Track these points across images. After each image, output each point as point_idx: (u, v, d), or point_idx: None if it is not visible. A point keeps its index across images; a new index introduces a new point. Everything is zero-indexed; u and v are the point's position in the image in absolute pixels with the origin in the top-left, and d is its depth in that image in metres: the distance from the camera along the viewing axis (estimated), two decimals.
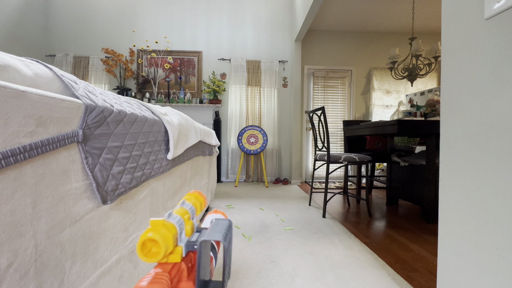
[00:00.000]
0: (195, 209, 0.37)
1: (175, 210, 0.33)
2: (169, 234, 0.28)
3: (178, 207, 0.35)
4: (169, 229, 0.28)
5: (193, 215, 0.36)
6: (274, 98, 3.85)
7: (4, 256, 0.35)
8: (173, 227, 0.29)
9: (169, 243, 0.27)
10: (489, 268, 0.56)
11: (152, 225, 0.28)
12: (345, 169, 2.62)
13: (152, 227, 0.28)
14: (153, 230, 0.27)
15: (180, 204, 0.36)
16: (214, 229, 0.32)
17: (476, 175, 0.60)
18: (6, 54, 0.40)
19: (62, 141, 0.44)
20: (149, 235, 0.27)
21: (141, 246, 0.27)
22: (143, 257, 0.27)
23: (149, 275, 0.26)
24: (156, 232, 0.27)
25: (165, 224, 0.28)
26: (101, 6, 3.76)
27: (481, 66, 0.59)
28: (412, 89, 4.21)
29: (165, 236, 0.27)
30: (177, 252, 0.29)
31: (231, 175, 3.80)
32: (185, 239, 0.32)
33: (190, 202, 0.37)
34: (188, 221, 0.33)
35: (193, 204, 0.38)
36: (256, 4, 3.91)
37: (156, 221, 0.28)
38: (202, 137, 1.50)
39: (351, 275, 1.10)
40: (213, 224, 0.34)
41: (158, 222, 0.28)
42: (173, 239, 0.28)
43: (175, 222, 0.30)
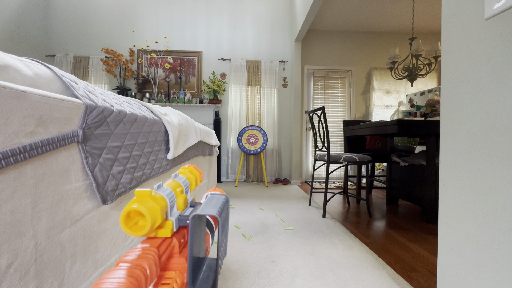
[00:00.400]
0: (190, 183, 0.34)
1: (166, 183, 0.31)
2: (157, 206, 0.25)
3: (170, 180, 0.32)
4: (157, 201, 0.26)
5: (187, 189, 0.33)
6: (274, 98, 3.85)
7: (4, 256, 0.35)
8: (162, 199, 0.27)
9: (156, 216, 0.25)
10: (489, 268, 0.56)
11: (138, 196, 0.25)
12: (345, 169, 2.62)
13: (137, 198, 0.25)
14: (139, 202, 0.25)
15: (172, 176, 0.33)
16: (208, 203, 0.30)
17: (476, 175, 0.60)
18: (6, 54, 0.40)
19: (62, 141, 0.44)
20: (134, 206, 0.24)
21: (125, 218, 0.24)
22: (127, 229, 0.24)
23: (136, 250, 0.24)
24: (142, 204, 0.25)
25: (152, 196, 0.26)
26: (101, 6, 3.76)
27: (481, 66, 0.59)
28: (412, 89, 4.21)
29: (152, 208, 0.25)
30: (168, 226, 0.27)
31: (231, 175, 3.80)
32: (177, 213, 0.29)
33: (184, 175, 0.35)
34: (180, 194, 0.30)
35: (187, 178, 0.34)
36: (256, 4, 3.91)
37: (142, 191, 0.25)
38: (202, 137, 1.50)
39: (351, 275, 1.10)
40: (208, 199, 0.31)
41: (144, 193, 0.25)
42: (161, 212, 0.26)
43: (164, 194, 0.28)
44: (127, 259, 0.22)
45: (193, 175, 0.36)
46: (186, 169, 0.36)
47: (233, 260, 1.23)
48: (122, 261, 0.22)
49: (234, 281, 1.04)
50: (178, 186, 0.31)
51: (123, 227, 0.24)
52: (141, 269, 0.21)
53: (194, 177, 0.36)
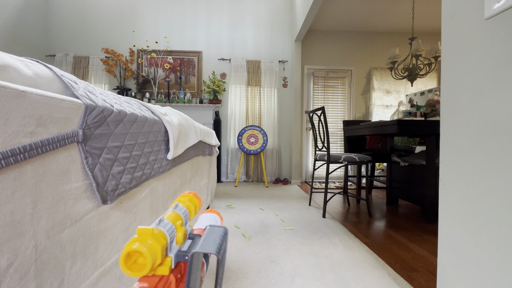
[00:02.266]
0: (189, 213, 0.34)
1: (166, 215, 0.30)
2: (158, 245, 0.25)
3: (171, 211, 0.31)
4: (158, 239, 0.25)
5: (186, 220, 0.33)
6: (274, 98, 3.85)
7: (4, 256, 0.35)
8: (163, 236, 0.26)
9: (157, 255, 0.25)
10: (489, 268, 0.56)
11: (139, 234, 0.25)
12: (345, 169, 2.62)
13: (139, 236, 0.25)
14: (140, 240, 0.24)
15: (173, 208, 0.32)
16: (208, 238, 0.29)
17: (476, 175, 0.60)
18: (6, 54, 0.40)
19: (62, 141, 0.44)
20: (135, 246, 0.24)
21: (125, 258, 0.24)
22: (127, 270, 0.24)
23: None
24: (143, 243, 0.24)
25: (154, 234, 0.25)
26: (101, 6, 3.76)
27: (481, 66, 0.59)
28: (412, 89, 4.21)
29: (153, 248, 0.24)
30: (166, 264, 0.26)
31: (231, 175, 3.80)
32: (176, 247, 0.29)
33: (184, 205, 0.34)
34: (180, 227, 0.30)
35: (187, 207, 0.34)
36: (256, 4, 3.91)
37: (144, 229, 0.25)
38: (202, 137, 1.50)
39: (351, 275, 1.10)
40: (207, 232, 0.31)
41: (146, 231, 0.25)
42: (162, 250, 0.25)
43: (165, 230, 0.27)
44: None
45: (192, 204, 0.36)
46: (186, 198, 0.36)
47: (233, 260, 1.23)
48: None
49: (234, 281, 1.04)
50: (178, 218, 0.31)
51: (122, 267, 0.24)
52: None
53: (193, 205, 0.36)
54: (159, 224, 0.27)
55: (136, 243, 0.24)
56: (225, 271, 1.12)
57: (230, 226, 1.74)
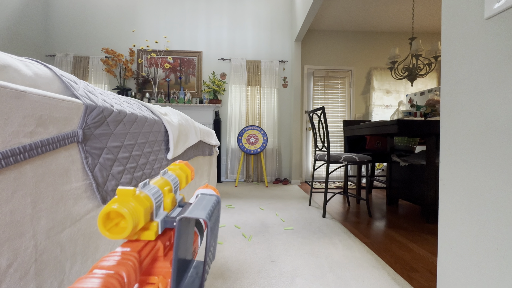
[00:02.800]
0: (179, 181, 0.32)
1: (153, 180, 0.29)
2: (140, 207, 0.23)
3: (158, 177, 0.30)
4: (140, 201, 0.24)
5: (176, 187, 0.31)
6: (274, 98, 3.85)
7: (4, 256, 0.35)
8: (147, 199, 0.25)
9: (139, 218, 0.23)
10: (489, 268, 0.56)
11: (120, 195, 0.23)
12: (345, 169, 2.62)
13: (119, 197, 0.23)
14: (120, 201, 0.23)
15: (161, 174, 0.31)
16: (198, 205, 0.28)
17: (476, 175, 0.60)
18: (6, 54, 0.40)
19: (62, 141, 0.44)
20: (114, 206, 0.22)
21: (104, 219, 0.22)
22: (105, 232, 0.22)
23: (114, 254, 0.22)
24: (123, 204, 0.23)
25: (135, 195, 0.24)
26: (101, 6, 3.76)
27: (481, 66, 0.59)
28: (412, 89, 4.21)
29: (134, 209, 0.23)
30: (152, 228, 0.25)
31: (231, 175, 3.80)
32: (164, 213, 0.27)
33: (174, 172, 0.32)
34: (168, 193, 0.28)
35: (177, 175, 0.32)
36: (256, 4, 3.91)
37: (125, 190, 0.23)
38: (202, 137, 1.50)
39: (351, 275, 1.10)
40: (198, 199, 0.29)
41: (126, 192, 0.23)
42: (145, 214, 0.24)
43: (150, 193, 0.26)
44: (102, 265, 0.20)
45: (183, 172, 0.33)
46: (176, 166, 0.34)
47: (233, 260, 1.23)
48: (97, 267, 0.19)
49: (234, 281, 1.04)
50: (166, 184, 0.29)
51: (100, 228, 0.22)
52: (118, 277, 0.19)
53: (185, 174, 0.33)
54: (143, 188, 0.26)
55: (115, 204, 0.22)
56: (225, 271, 1.12)
57: (230, 226, 1.74)
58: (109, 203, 0.23)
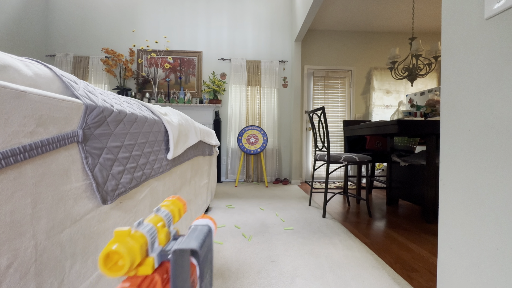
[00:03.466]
0: (172, 216, 0.35)
1: (147, 219, 0.31)
2: (136, 244, 0.26)
3: (152, 215, 0.32)
4: (136, 239, 0.26)
5: (169, 222, 0.34)
6: (274, 98, 3.85)
7: (4, 256, 0.35)
8: (141, 236, 0.27)
9: (135, 255, 0.25)
10: (489, 268, 0.56)
11: (117, 235, 0.26)
12: (345, 169, 2.62)
13: (116, 238, 0.26)
14: (118, 241, 0.25)
15: (154, 211, 0.34)
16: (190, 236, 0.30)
17: (476, 175, 0.60)
18: (6, 54, 0.40)
19: (62, 141, 0.44)
20: (113, 247, 0.24)
21: (104, 259, 0.25)
22: (106, 271, 0.24)
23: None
24: (121, 244, 0.25)
25: (131, 235, 0.26)
26: (101, 6, 3.76)
27: (481, 66, 0.59)
28: (412, 89, 4.21)
29: (130, 247, 0.25)
30: (148, 263, 0.27)
31: (231, 175, 3.80)
32: (159, 248, 0.29)
33: (167, 208, 0.35)
34: (162, 229, 0.31)
35: (170, 210, 0.35)
36: (256, 4, 3.91)
37: (121, 231, 0.26)
38: (202, 137, 1.50)
39: (351, 275, 1.10)
40: (191, 231, 0.32)
41: (122, 232, 0.26)
42: (141, 250, 0.26)
43: (145, 231, 0.28)
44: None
45: (176, 207, 0.36)
46: (169, 202, 0.37)
47: (233, 260, 1.23)
48: None
49: (234, 281, 1.04)
50: (159, 220, 0.32)
51: (101, 268, 0.24)
52: None
53: (177, 208, 0.37)
54: (138, 226, 0.28)
55: (114, 245, 0.25)
56: (225, 271, 1.12)
57: (230, 226, 1.74)
58: (108, 244, 0.25)
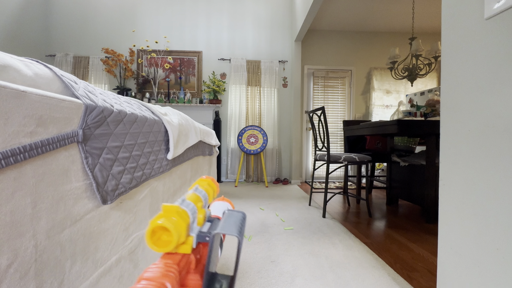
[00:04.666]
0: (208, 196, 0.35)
1: (188, 196, 0.31)
2: (183, 222, 0.25)
3: (191, 193, 0.32)
4: (182, 217, 0.26)
5: (206, 203, 0.33)
6: (274, 98, 3.85)
7: (4, 256, 0.35)
8: (186, 215, 0.27)
9: (182, 233, 0.25)
10: (489, 268, 0.56)
11: (165, 211, 0.25)
12: (345, 169, 2.62)
13: (164, 213, 0.25)
14: (165, 217, 0.25)
15: (193, 190, 0.33)
16: (228, 221, 0.30)
17: (476, 175, 0.60)
18: (6, 54, 0.40)
19: (62, 141, 0.44)
20: (160, 222, 0.24)
21: (151, 233, 0.25)
22: (153, 245, 0.24)
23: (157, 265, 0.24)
24: (168, 219, 0.25)
25: (178, 211, 0.26)
26: (101, 6, 3.76)
27: (481, 66, 0.59)
28: (412, 89, 4.21)
29: (178, 224, 0.25)
30: (189, 242, 0.27)
31: (231, 175, 3.80)
32: (197, 228, 0.29)
33: (203, 188, 0.34)
34: (201, 209, 0.31)
35: (206, 190, 0.34)
36: (256, 4, 3.91)
37: (169, 206, 0.25)
38: (202, 137, 1.50)
39: (351, 275, 1.10)
40: (227, 216, 0.31)
41: (171, 208, 0.25)
42: (186, 229, 0.26)
43: (188, 209, 0.28)
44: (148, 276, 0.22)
45: (211, 188, 0.36)
46: (205, 182, 0.36)
47: (233, 259, 1.23)
48: (143, 278, 0.21)
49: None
50: (199, 200, 0.31)
51: (148, 242, 0.24)
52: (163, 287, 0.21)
53: (212, 190, 0.36)
54: (182, 203, 0.28)
55: (161, 219, 0.24)
56: (225, 271, 1.12)
57: None
58: (155, 218, 0.25)
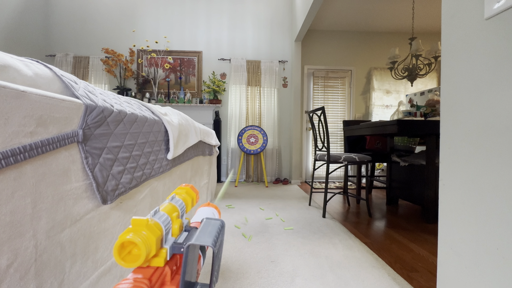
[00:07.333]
0: (186, 205, 0.34)
1: (162, 207, 0.30)
2: (153, 236, 0.24)
3: (167, 203, 0.31)
4: (153, 230, 0.25)
5: (182, 212, 0.32)
6: (274, 98, 3.85)
7: (4, 256, 0.35)
8: (158, 228, 0.26)
9: (151, 246, 0.24)
10: (489, 268, 0.56)
11: (134, 225, 0.24)
12: (345, 169, 2.62)
13: (133, 227, 0.24)
14: (134, 231, 0.24)
15: (169, 199, 0.32)
16: (204, 230, 0.28)
17: (476, 175, 0.60)
18: (6, 54, 0.40)
19: (62, 141, 0.44)
20: (128, 237, 0.23)
21: (119, 248, 0.23)
22: (120, 261, 0.23)
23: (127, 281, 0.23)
24: (137, 234, 0.24)
25: (148, 225, 0.25)
26: (101, 6, 3.76)
27: (481, 66, 0.59)
28: (412, 89, 4.21)
29: (147, 238, 0.24)
30: (161, 255, 0.26)
31: (231, 175, 3.80)
32: (171, 239, 0.28)
33: (181, 197, 0.34)
34: (176, 219, 0.29)
35: (184, 199, 0.34)
36: (256, 4, 3.91)
37: (138, 220, 0.24)
38: (202, 137, 1.50)
39: (351, 275, 1.10)
40: (204, 225, 0.30)
41: (140, 221, 0.24)
42: (157, 242, 0.25)
43: (161, 221, 0.27)
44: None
45: (189, 196, 0.35)
46: (183, 190, 0.35)
47: (233, 260, 1.23)
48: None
49: (234, 281, 1.04)
50: (174, 210, 0.30)
51: (116, 258, 0.23)
52: None
53: (190, 198, 0.35)
54: (154, 215, 0.27)
55: (130, 234, 0.24)
56: (225, 271, 1.12)
57: (230, 226, 1.74)
58: (124, 233, 0.24)
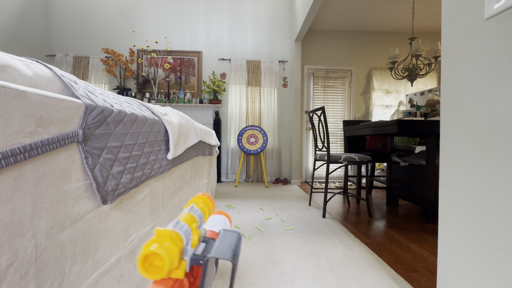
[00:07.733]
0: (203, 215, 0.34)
1: (182, 217, 0.30)
2: (176, 248, 0.24)
3: (186, 213, 0.31)
4: (175, 242, 0.25)
5: (200, 222, 0.32)
6: (274, 98, 3.85)
7: (4, 256, 0.35)
8: (180, 239, 0.26)
9: (174, 258, 0.24)
10: (489, 268, 0.56)
11: (158, 235, 0.25)
12: (345, 169, 2.62)
13: (157, 237, 0.25)
14: (158, 242, 0.24)
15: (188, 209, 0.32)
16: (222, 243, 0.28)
17: (476, 175, 0.60)
18: (6, 54, 0.40)
19: (62, 141, 0.44)
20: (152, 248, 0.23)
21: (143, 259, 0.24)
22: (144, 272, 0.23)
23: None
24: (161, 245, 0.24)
25: (172, 236, 0.25)
26: (101, 6, 3.76)
27: (481, 66, 0.59)
28: (412, 89, 4.21)
29: (171, 250, 0.24)
30: (182, 267, 0.26)
31: (231, 175, 3.80)
32: (191, 251, 0.28)
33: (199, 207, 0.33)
34: (195, 230, 0.30)
35: (201, 209, 0.34)
36: (256, 4, 3.91)
37: (163, 231, 0.25)
38: (202, 137, 1.50)
39: (351, 275, 1.10)
40: (221, 237, 0.30)
41: (164, 232, 0.25)
42: (179, 253, 0.25)
43: (182, 232, 0.27)
44: None
45: (207, 206, 0.35)
46: (200, 200, 0.35)
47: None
48: None
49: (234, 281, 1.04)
50: (194, 221, 0.30)
51: (140, 269, 0.24)
52: None
53: (208, 208, 0.36)
54: (175, 226, 0.27)
55: (154, 245, 0.24)
56: (225, 271, 1.12)
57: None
58: (147, 243, 0.24)
